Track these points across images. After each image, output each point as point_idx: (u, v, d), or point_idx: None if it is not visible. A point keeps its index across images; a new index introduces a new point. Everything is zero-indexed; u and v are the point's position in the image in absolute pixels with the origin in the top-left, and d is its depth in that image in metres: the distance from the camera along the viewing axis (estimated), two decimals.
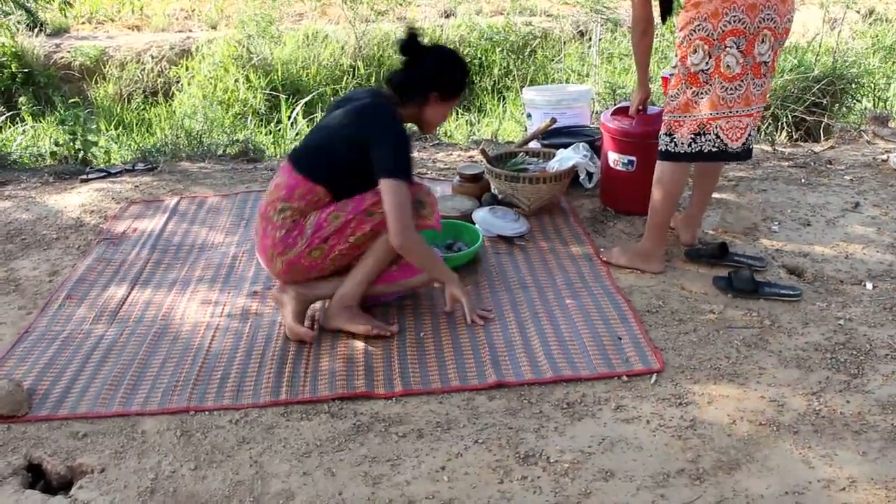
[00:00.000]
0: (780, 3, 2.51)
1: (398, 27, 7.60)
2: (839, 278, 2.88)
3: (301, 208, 2.51)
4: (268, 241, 2.53)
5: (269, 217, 2.53)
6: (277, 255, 2.52)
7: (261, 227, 2.58)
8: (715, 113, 2.62)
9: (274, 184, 2.59)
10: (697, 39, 2.54)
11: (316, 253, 2.51)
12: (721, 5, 2.47)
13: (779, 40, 2.58)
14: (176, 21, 10.13)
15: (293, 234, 2.50)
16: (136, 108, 7.66)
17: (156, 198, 3.88)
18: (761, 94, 2.67)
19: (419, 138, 4.71)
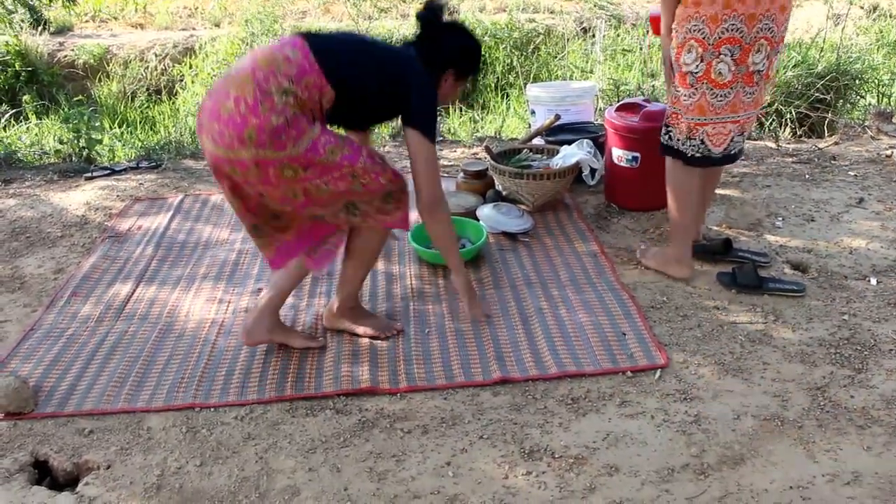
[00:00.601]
0: (779, 13, 2.48)
1: (401, 24, 7.60)
2: (843, 274, 2.88)
3: (301, 102, 2.09)
4: (253, 119, 2.03)
5: (268, 91, 2.05)
6: (255, 143, 2.04)
7: (246, 96, 2.05)
8: (702, 119, 2.60)
9: (282, 54, 2.11)
10: (693, 40, 2.52)
11: (288, 172, 2.10)
12: (721, 11, 2.44)
13: (774, 49, 2.56)
14: (179, 19, 10.14)
15: (290, 132, 2.06)
16: (139, 106, 7.67)
17: (160, 195, 3.89)
18: (752, 102, 2.62)
19: None
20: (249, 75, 2.06)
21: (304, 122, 2.09)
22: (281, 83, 2.05)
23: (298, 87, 2.08)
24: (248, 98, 2.04)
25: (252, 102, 2.03)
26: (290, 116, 2.05)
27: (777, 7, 2.46)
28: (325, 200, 2.21)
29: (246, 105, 2.03)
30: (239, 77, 2.08)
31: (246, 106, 2.03)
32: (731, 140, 2.66)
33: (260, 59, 2.10)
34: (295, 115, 2.07)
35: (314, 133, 2.11)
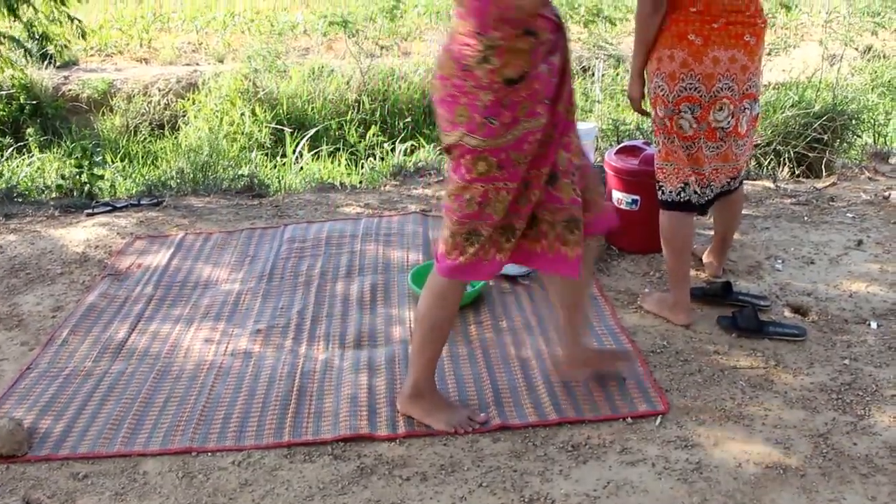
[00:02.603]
0: (740, 73, 2.48)
1: (402, 62, 7.68)
2: (844, 317, 2.87)
3: None
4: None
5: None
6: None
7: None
8: (667, 164, 2.63)
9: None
10: (659, 95, 2.55)
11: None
12: (679, 69, 2.46)
13: (740, 106, 2.55)
14: (183, 54, 10.25)
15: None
16: (142, 140, 7.73)
17: (161, 233, 3.89)
18: (718, 156, 2.62)
19: (423, 175, 4.74)
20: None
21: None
22: None
23: None
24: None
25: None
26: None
27: (738, 67, 2.48)
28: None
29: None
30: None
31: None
32: (696, 191, 2.66)
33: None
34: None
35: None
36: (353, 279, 3.25)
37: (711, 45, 2.44)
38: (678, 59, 2.46)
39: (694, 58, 2.44)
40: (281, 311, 3.04)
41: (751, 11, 2.48)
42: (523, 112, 1.92)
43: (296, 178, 5.20)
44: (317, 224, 3.85)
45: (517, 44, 1.86)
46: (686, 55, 2.45)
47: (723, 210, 2.95)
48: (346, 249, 3.52)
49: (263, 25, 10.50)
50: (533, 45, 1.88)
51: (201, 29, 11.17)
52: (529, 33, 1.87)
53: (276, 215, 4.08)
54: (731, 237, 3.10)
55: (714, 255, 3.13)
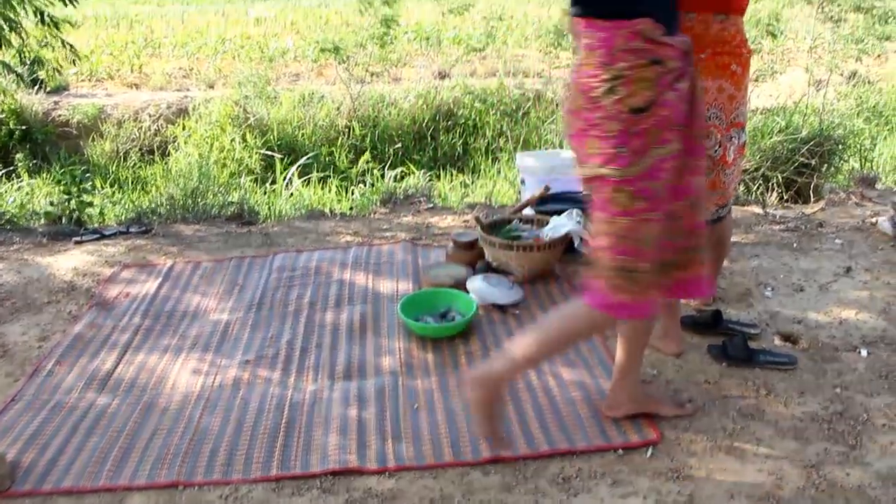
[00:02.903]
0: (728, 102, 2.50)
1: (392, 88, 7.71)
2: (834, 345, 2.87)
3: None
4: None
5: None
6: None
7: None
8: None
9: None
10: None
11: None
12: None
13: (727, 135, 2.56)
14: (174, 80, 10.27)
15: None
16: (132, 165, 7.73)
17: (149, 262, 3.87)
18: (706, 185, 2.61)
19: (413, 202, 4.74)
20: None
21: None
22: None
23: None
24: None
25: None
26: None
27: (725, 97, 2.50)
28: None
29: None
30: None
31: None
32: None
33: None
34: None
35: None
36: (342, 309, 3.24)
37: (699, 75, 2.45)
38: None
39: None
40: (270, 341, 3.02)
41: (736, 42, 2.50)
42: (653, 139, 1.92)
43: (286, 205, 5.19)
44: (306, 253, 3.84)
45: (643, 73, 1.88)
46: None
47: (711, 238, 2.95)
48: (335, 279, 3.51)
49: (254, 51, 10.54)
50: (659, 73, 1.89)
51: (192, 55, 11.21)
52: (656, 62, 1.88)
53: (265, 244, 4.07)
54: (719, 265, 3.10)
55: None
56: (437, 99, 7.61)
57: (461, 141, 7.24)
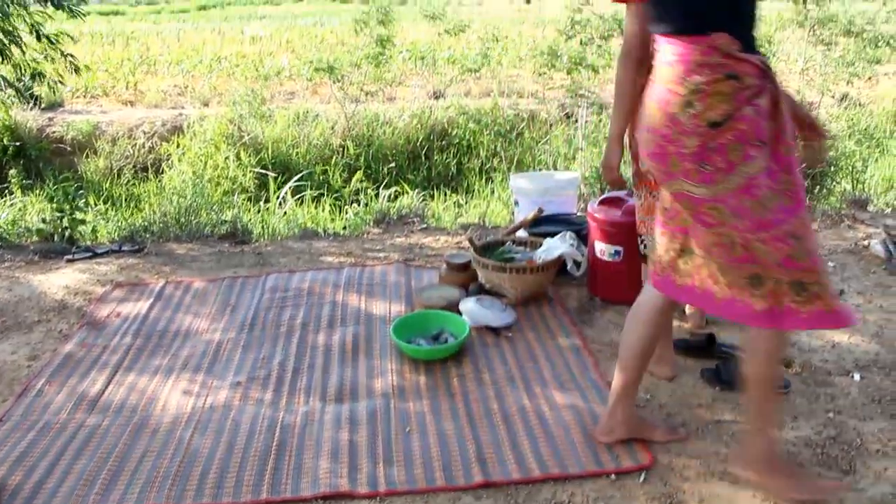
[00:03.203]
0: None
1: (387, 107, 7.73)
2: (827, 369, 2.87)
3: None
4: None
5: None
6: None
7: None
8: (650, 217, 2.62)
9: None
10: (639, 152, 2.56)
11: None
12: None
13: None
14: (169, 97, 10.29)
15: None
16: (125, 183, 7.71)
17: (141, 281, 3.86)
18: None
19: (406, 222, 4.74)
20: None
21: None
22: None
23: None
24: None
25: None
26: None
27: None
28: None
29: None
30: None
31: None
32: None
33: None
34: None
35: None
36: (334, 330, 3.23)
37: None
38: None
39: None
40: (261, 362, 3.00)
41: None
42: (736, 156, 1.90)
43: (279, 224, 5.18)
44: (299, 273, 3.83)
45: (720, 87, 1.88)
46: None
47: None
48: (328, 300, 3.50)
49: (249, 70, 10.57)
50: (735, 88, 1.89)
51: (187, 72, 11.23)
52: (732, 77, 1.88)
53: (258, 263, 4.06)
54: None
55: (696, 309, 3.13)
56: (432, 119, 7.63)
57: (455, 161, 7.25)
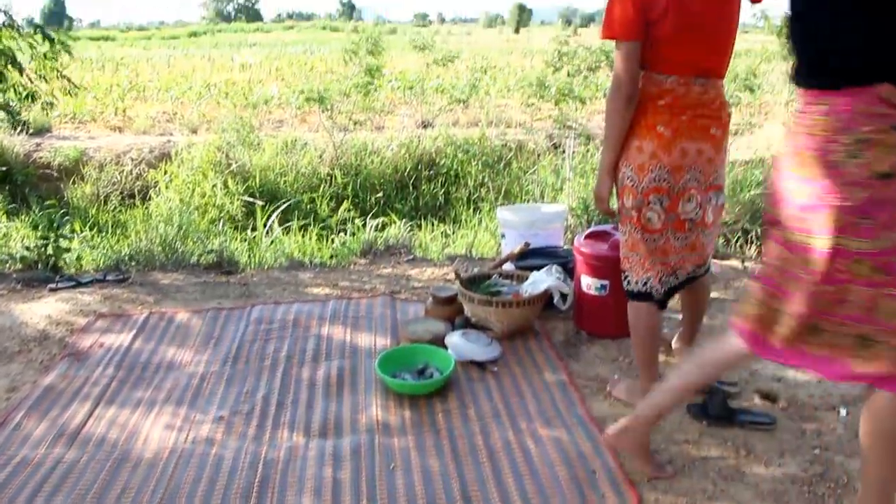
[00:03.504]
0: (706, 165, 2.53)
1: (375, 137, 7.76)
2: (813, 404, 2.86)
3: None
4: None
5: None
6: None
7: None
8: (636, 254, 2.64)
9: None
10: (627, 186, 2.56)
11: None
12: (648, 161, 2.48)
13: (706, 197, 2.58)
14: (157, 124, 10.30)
15: None
16: (112, 209, 7.69)
17: (125, 312, 3.82)
18: (685, 247, 2.63)
19: (393, 253, 4.73)
20: None
21: None
22: None
23: None
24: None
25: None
26: None
27: (704, 159, 2.52)
28: None
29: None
30: None
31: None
32: (661, 279, 2.66)
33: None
34: None
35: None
36: (319, 364, 3.20)
37: (679, 137, 2.47)
38: (647, 150, 2.49)
39: (663, 150, 2.48)
40: (245, 396, 2.97)
41: (716, 105, 2.53)
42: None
43: (266, 253, 5.17)
44: (284, 305, 3.81)
45: (886, 138, 1.82)
46: (655, 147, 2.48)
47: (691, 296, 2.96)
48: (313, 332, 3.48)
49: (238, 97, 10.60)
50: None
51: (176, 99, 11.26)
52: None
53: (243, 294, 4.04)
54: (699, 322, 3.10)
55: (683, 341, 3.12)
56: (420, 148, 7.66)
57: (443, 190, 7.28)
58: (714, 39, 2.48)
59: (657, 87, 2.48)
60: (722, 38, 2.50)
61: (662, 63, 2.46)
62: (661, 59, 2.45)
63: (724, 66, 2.56)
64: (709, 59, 2.49)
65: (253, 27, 67.73)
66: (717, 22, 2.46)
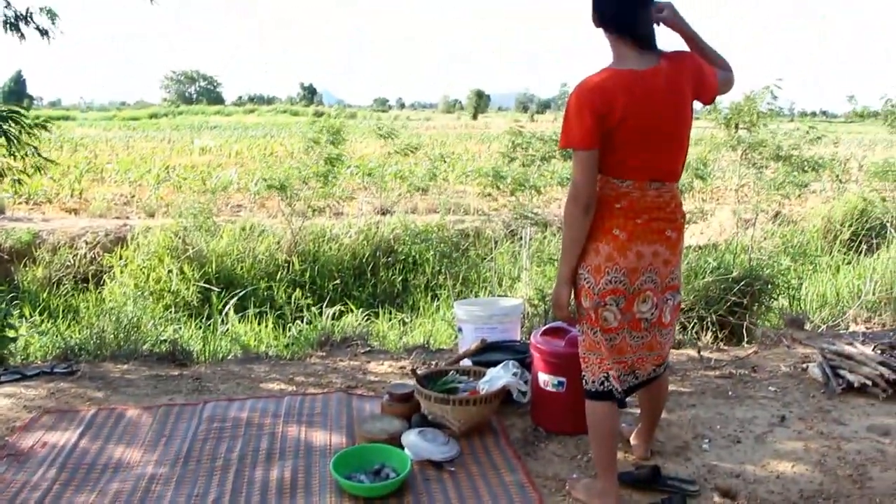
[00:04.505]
0: (662, 267, 2.58)
1: (334, 223, 7.78)
2: (772, 500, 2.85)
3: None
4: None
5: None
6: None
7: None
8: (594, 354, 2.66)
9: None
10: (584, 287, 2.59)
11: None
12: (604, 263, 2.52)
13: (662, 297, 2.62)
14: (115, 206, 10.22)
15: None
16: (64, 294, 7.54)
17: (72, 407, 3.69)
18: (642, 345, 2.66)
19: (350, 345, 4.68)
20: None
21: None
22: None
23: None
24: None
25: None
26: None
27: (660, 261, 2.57)
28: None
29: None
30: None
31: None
32: (620, 378, 2.67)
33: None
34: None
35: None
36: (272, 464, 3.10)
37: (635, 239, 2.52)
38: (604, 252, 2.53)
39: (619, 252, 2.52)
40: (195, 499, 2.86)
41: (671, 208, 2.60)
42: None
43: (221, 342, 5.08)
44: (238, 401, 3.72)
45: None
46: (612, 249, 2.52)
47: (649, 392, 2.97)
48: (267, 431, 3.38)
49: (196, 182, 10.60)
50: None
51: (135, 182, 11.21)
52: None
53: (196, 389, 3.94)
54: (657, 418, 3.10)
55: (641, 438, 3.12)
56: (378, 235, 7.69)
57: (401, 277, 7.29)
58: (669, 145, 2.56)
59: (614, 190, 2.54)
60: (676, 144, 2.58)
61: (619, 168, 2.52)
62: (617, 165, 2.52)
63: (678, 170, 2.63)
64: (664, 164, 2.56)
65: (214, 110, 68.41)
66: (672, 128, 2.54)
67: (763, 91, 6.23)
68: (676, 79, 2.52)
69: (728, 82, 2.70)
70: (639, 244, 2.53)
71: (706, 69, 2.59)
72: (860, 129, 36.95)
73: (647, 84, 2.46)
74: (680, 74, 2.53)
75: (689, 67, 2.56)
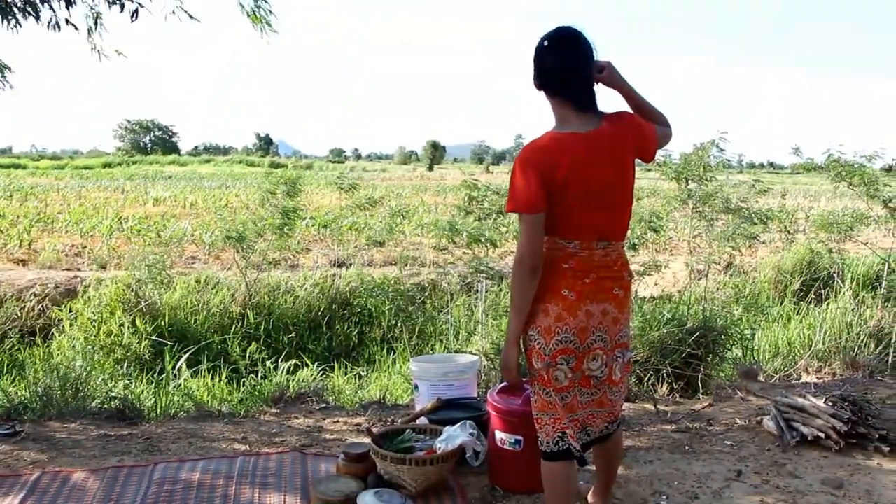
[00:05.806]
0: (612, 325, 2.60)
1: (289, 276, 7.72)
2: None
3: None
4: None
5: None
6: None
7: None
8: (548, 415, 2.64)
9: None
10: (535, 348, 2.59)
11: None
12: (554, 324, 2.54)
13: (612, 356, 2.64)
14: (65, 258, 10.02)
15: None
16: (9, 348, 7.32)
17: (13, 472, 3.54)
18: (593, 402, 2.67)
19: (304, 401, 4.61)
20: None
21: None
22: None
23: None
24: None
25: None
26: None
27: (609, 319, 2.60)
28: None
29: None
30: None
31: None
32: (574, 435, 2.65)
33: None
34: None
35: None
36: None
37: (584, 299, 2.54)
38: (553, 313, 2.54)
39: (568, 312, 2.54)
40: None
41: (618, 267, 2.63)
42: None
43: (173, 397, 4.95)
44: (189, 462, 3.61)
45: None
46: (561, 310, 2.54)
47: (603, 450, 2.96)
48: (219, 493, 3.28)
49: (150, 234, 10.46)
50: None
51: (86, 232, 11.02)
52: None
53: (146, 450, 3.82)
54: (613, 476, 3.09)
55: (598, 495, 3.10)
56: (334, 288, 7.65)
57: (357, 331, 7.24)
58: (613, 205, 2.60)
59: (561, 251, 2.57)
60: (620, 204, 2.62)
61: (565, 229, 2.55)
62: (564, 226, 2.55)
63: (623, 229, 2.68)
64: (610, 223, 2.60)
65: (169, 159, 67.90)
66: (616, 189, 2.59)
67: (709, 145, 6.39)
68: (618, 139, 2.57)
69: (666, 137, 2.78)
70: (588, 303, 2.55)
71: (646, 128, 2.66)
72: (806, 180, 38.10)
73: (590, 146, 2.51)
74: (622, 135, 2.58)
75: (630, 126, 2.62)
